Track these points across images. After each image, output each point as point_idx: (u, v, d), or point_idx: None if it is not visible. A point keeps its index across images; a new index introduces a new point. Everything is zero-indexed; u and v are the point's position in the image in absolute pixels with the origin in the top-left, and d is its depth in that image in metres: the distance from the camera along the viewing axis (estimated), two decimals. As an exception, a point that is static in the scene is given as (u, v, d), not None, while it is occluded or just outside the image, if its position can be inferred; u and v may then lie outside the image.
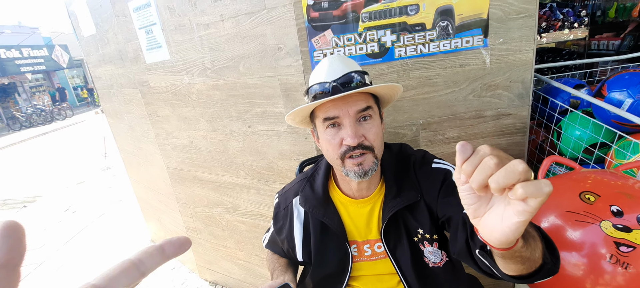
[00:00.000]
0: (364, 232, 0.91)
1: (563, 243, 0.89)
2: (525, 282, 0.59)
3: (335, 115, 0.79)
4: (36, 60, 16.57)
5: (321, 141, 0.86)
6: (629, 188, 0.92)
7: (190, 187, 1.95)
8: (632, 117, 1.02)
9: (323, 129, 0.82)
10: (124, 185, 4.64)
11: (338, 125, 0.80)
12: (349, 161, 0.80)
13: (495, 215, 0.45)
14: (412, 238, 0.87)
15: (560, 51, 2.91)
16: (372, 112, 0.81)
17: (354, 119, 0.79)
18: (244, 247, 1.92)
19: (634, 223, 0.82)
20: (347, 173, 0.82)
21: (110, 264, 0.25)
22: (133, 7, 1.58)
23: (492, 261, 0.57)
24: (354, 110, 0.78)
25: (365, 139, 0.80)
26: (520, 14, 1.15)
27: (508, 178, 0.38)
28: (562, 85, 1.27)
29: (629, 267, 0.80)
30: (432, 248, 0.86)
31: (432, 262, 0.87)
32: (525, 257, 0.52)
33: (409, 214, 0.86)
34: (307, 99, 0.85)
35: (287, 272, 0.95)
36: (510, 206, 0.42)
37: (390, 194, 0.87)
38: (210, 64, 1.46)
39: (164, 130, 1.87)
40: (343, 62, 0.84)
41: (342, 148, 0.80)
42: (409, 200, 0.85)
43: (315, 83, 0.82)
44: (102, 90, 2.32)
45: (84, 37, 2.14)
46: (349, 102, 0.78)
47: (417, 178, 0.88)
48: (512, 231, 0.43)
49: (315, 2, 1.16)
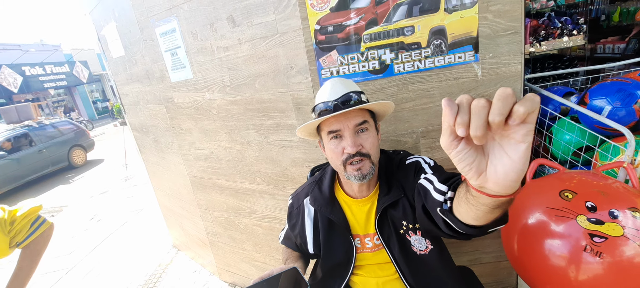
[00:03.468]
0: (364, 227, 1.06)
1: (546, 236, 1.00)
2: (478, 233, 0.68)
3: (337, 129, 0.95)
4: (58, 77, 17.35)
5: (326, 150, 1.01)
6: (606, 187, 1.02)
7: (210, 193, 2.12)
8: (611, 122, 1.13)
9: (328, 140, 0.98)
10: (145, 194, 4.86)
11: (340, 137, 0.96)
12: (350, 167, 0.96)
13: (500, 158, 0.46)
14: (399, 231, 1.01)
15: (561, 57, 2.98)
16: (368, 125, 0.97)
17: (353, 131, 0.94)
18: (261, 249, 2.06)
19: (607, 218, 0.93)
20: (349, 177, 0.97)
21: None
22: (160, 33, 1.76)
23: (452, 216, 0.70)
24: (352, 123, 0.94)
25: (363, 148, 0.95)
26: (507, 31, 1.27)
27: (506, 104, 0.39)
28: (550, 94, 1.37)
29: (602, 255, 0.91)
30: (416, 236, 1.00)
31: (419, 250, 1.01)
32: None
33: (396, 209, 1.01)
34: (314, 115, 1.01)
35: (298, 261, 1.12)
36: (510, 138, 0.43)
37: (383, 193, 1.02)
38: (229, 81, 1.63)
39: (187, 142, 2.04)
40: (343, 83, 1.00)
41: (343, 156, 0.95)
42: (395, 196, 1.00)
43: (320, 102, 0.98)
44: (128, 106, 2.53)
45: (112, 58, 2.35)
46: (348, 117, 0.94)
47: (398, 178, 1.02)
48: (524, 161, 0.44)
49: (322, 27, 1.31)
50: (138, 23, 1.84)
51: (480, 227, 0.65)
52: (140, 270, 2.94)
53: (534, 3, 2.54)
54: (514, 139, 0.43)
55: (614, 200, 0.96)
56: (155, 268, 2.89)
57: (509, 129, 0.42)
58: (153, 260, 3.03)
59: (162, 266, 2.91)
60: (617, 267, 0.90)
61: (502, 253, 1.62)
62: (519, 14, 1.23)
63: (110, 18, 2.09)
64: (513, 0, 1.22)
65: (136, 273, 2.90)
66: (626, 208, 0.93)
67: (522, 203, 1.14)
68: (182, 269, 2.79)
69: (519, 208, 1.14)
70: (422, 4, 1.24)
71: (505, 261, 1.65)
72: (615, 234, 0.90)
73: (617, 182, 1.06)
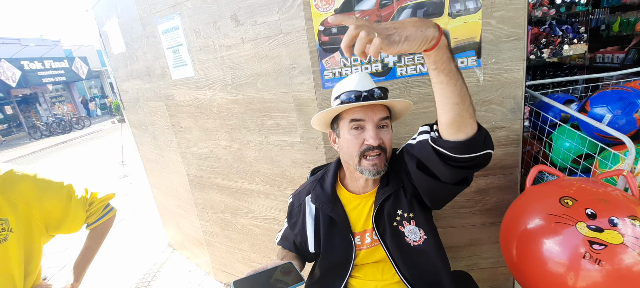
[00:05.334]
0: (364, 223, 1.06)
1: (545, 242, 1.00)
2: (470, 156, 0.79)
3: (361, 118, 0.96)
4: (57, 72, 17.25)
5: (342, 140, 1.02)
6: (606, 194, 1.03)
7: (208, 193, 2.11)
8: (611, 130, 1.13)
9: (348, 130, 0.99)
10: (141, 192, 4.84)
11: (361, 128, 0.98)
12: (366, 161, 0.97)
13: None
14: (392, 223, 1.02)
15: (561, 65, 3.00)
16: (388, 122, 1.00)
17: (376, 125, 0.97)
18: (258, 249, 2.05)
19: (606, 225, 0.93)
20: (363, 171, 0.99)
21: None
22: (162, 30, 1.76)
23: (442, 141, 0.81)
24: (377, 117, 0.96)
25: (383, 143, 0.97)
26: (510, 37, 1.28)
27: (360, 45, 0.63)
28: (551, 101, 1.38)
29: (601, 263, 0.91)
30: (410, 226, 1.01)
31: (413, 241, 1.01)
32: (453, 70, 0.71)
33: (392, 200, 1.02)
34: (336, 103, 1.01)
35: (294, 260, 1.11)
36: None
37: (382, 186, 1.04)
38: (231, 80, 1.62)
39: (186, 140, 2.03)
40: (370, 79, 1.03)
41: (363, 147, 0.97)
42: (394, 187, 1.02)
43: (346, 90, 0.99)
44: (128, 102, 2.52)
45: (113, 54, 2.35)
46: (374, 110, 0.96)
47: (395, 169, 1.05)
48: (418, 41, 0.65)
49: (326, 28, 1.31)
50: (141, 19, 1.84)
51: (464, 142, 0.77)
52: (134, 268, 2.92)
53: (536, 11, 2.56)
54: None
55: (614, 208, 0.96)
56: (150, 267, 2.87)
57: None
58: (148, 259, 3.01)
59: (157, 265, 2.89)
60: (615, 274, 0.90)
61: (500, 259, 1.62)
62: (522, 20, 1.24)
63: (113, 14, 2.09)
64: (517, 7, 1.22)
65: (130, 271, 2.88)
66: (626, 216, 0.93)
67: (522, 209, 1.14)
68: (177, 268, 2.77)
69: (518, 214, 1.14)
70: (426, 8, 1.24)
71: (503, 267, 1.65)
72: (615, 242, 0.90)
73: (616, 190, 1.06)
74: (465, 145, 0.77)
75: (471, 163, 0.82)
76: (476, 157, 0.80)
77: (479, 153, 0.79)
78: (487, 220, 1.56)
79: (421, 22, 0.66)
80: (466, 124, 0.76)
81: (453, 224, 1.59)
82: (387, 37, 0.63)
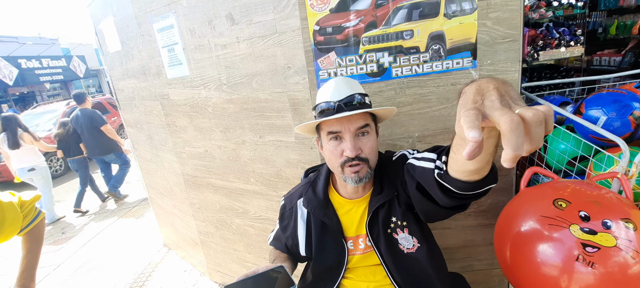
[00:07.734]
0: (356, 228, 1.05)
1: (539, 244, 1.00)
2: (473, 188, 0.72)
3: (337, 130, 0.94)
4: (55, 70, 17.16)
5: (324, 150, 1.00)
6: (600, 197, 1.02)
7: (203, 192, 2.10)
8: (606, 133, 1.13)
9: (327, 141, 0.97)
10: (136, 192, 4.82)
11: (340, 139, 0.95)
12: (348, 169, 0.94)
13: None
14: (387, 230, 1.00)
15: (557, 68, 3.00)
16: (369, 129, 0.96)
17: (354, 134, 0.93)
18: (253, 250, 2.04)
19: (600, 228, 0.93)
20: (346, 179, 0.96)
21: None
22: (158, 28, 1.75)
23: (449, 177, 0.72)
24: (354, 127, 0.93)
25: (362, 152, 0.94)
26: (505, 38, 1.27)
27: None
28: (547, 103, 1.38)
29: (595, 265, 0.90)
30: (404, 234, 1.00)
31: (406, 248, 1.00)
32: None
33: (386, 208, 1.00)
34: (315, 113, 0.99)
35: (286, 262, 1.10)
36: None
37: (375, 193, 1.01)
38: (226, 80, 1.61)
39: (181, 140, 2.02)
40: (347, 84, 0.99)
41: (342, 158, 0.94)
42: (388, 196, 0.99)
43: (322, 101, 0.97)
44: (123, 101, 2.50)
45: (109, 52, 2.34)
46: (350, 119, 0.93)
47: (389, 176, 1.02)
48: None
49: (321, 28, 1.30)
50: (136, 18, 1.83)
51: (475, 182, 0.68)
52: (129, 268, 2.90)
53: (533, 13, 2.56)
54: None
55: (608, 211, 0.95)
56: (145, 267, 2.86)
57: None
58: (143, 259, 3.00)
59: (152, 265, 2.87)
60: (608, 277, 0.89)
61: (494, 261, 1.61)
62: (517, 22, 1.24)
63: (109, 12, 2.07)
64: (512, 9, 1.22)
65: (125, 271, 2.87)
66: (619, 219, 0.93)
67: (516, 211, 1.13)
68: (172, 268, 2.76)
69: (512, 216, 1.13)
70: (422, 8, 1.24)
71: (497, 269, 1.64)
72: (608, 244, 0.90)
73: (610, 193, 1.06)
74: (476, 185, 0.71)
75: (474, 197, 0.77)
76: (481, 193, 0.74)
77: (485, 188, 0.73)
78: (482, 222, 1.56)
79: (502, 82, 0.51)
80: (487, 169, 0.67)
81: (448, 226, 1.59)
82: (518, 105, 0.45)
